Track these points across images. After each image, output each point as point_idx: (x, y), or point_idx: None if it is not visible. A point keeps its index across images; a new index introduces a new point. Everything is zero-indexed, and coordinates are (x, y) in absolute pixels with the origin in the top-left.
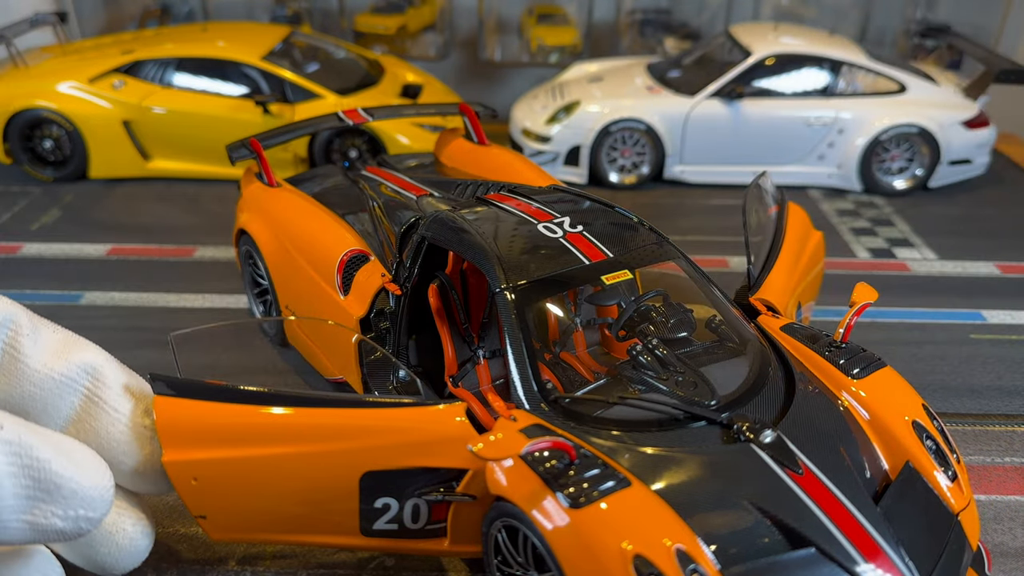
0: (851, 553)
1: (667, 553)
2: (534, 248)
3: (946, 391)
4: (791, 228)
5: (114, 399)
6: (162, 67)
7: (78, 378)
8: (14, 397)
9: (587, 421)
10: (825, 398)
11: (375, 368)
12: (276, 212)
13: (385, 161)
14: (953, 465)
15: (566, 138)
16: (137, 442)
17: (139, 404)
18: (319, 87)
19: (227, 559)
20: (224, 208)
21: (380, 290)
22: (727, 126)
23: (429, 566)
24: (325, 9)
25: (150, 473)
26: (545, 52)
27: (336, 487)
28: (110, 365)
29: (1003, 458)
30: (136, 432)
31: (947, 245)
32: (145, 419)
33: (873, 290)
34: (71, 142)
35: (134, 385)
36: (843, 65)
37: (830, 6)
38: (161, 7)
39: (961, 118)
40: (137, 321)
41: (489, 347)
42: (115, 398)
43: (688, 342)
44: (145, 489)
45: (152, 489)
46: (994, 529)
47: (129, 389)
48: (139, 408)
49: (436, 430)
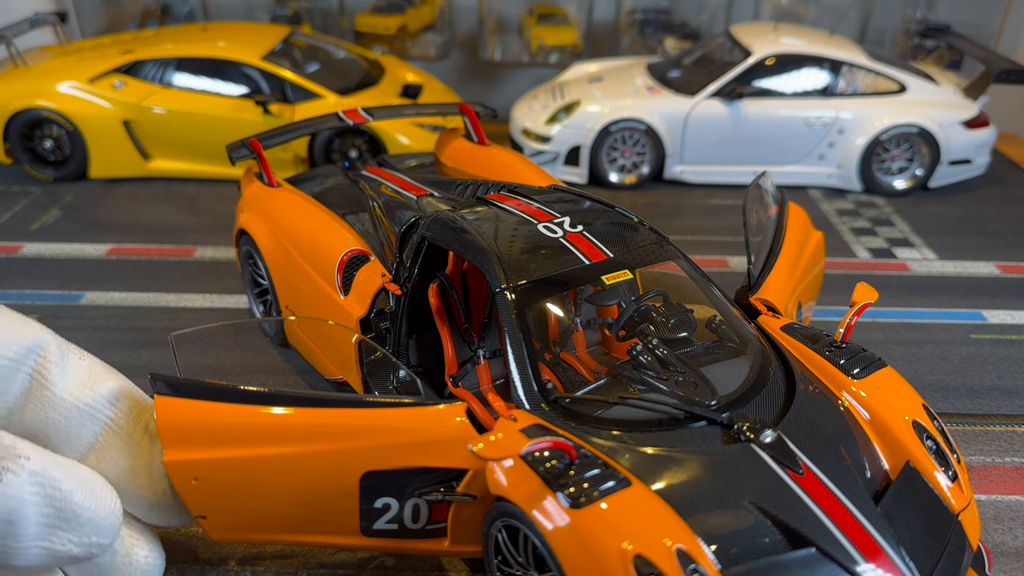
0: (851, 553)
1: (667, 553)
2: (534, 248)
3: (946, 391)
4: (791, 228)
5: (138, 433)
6: (162, 67)
7: (103, 408)
8: (38, 423)
9: (587, 421)
10: (825, 398)
11: (375, 368)
12: (276, 212)
13: (385, 161)
14: (953, 465)
15: (566, 138)
16: (155, 476)
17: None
18: (319, 87)
19: (227, 559)
20: (224, 208)
21: (380, 290)
22: (727, 126)
23: (429, 566)
24: (325, 9)
25: (165, 507)
26: (545, 52)
27: (336, 487)
28: (135, 396)
29: (1003, 458)
30: (155, 467)
31: (947, 245)
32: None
33: (873, 290)
34: (71, 142)
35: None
36: (843, 65)
37: (830, 6)
38: (161, 7)
39: (961, 118)
40: (137, 321)
41: (489, 347)
42: (139, 432)
43: (688, 342)
44: (160, 522)
45: (166, 522)
46: (994, 529)
47: (151, 424)
48: (160, 443)
49: (436, 430)
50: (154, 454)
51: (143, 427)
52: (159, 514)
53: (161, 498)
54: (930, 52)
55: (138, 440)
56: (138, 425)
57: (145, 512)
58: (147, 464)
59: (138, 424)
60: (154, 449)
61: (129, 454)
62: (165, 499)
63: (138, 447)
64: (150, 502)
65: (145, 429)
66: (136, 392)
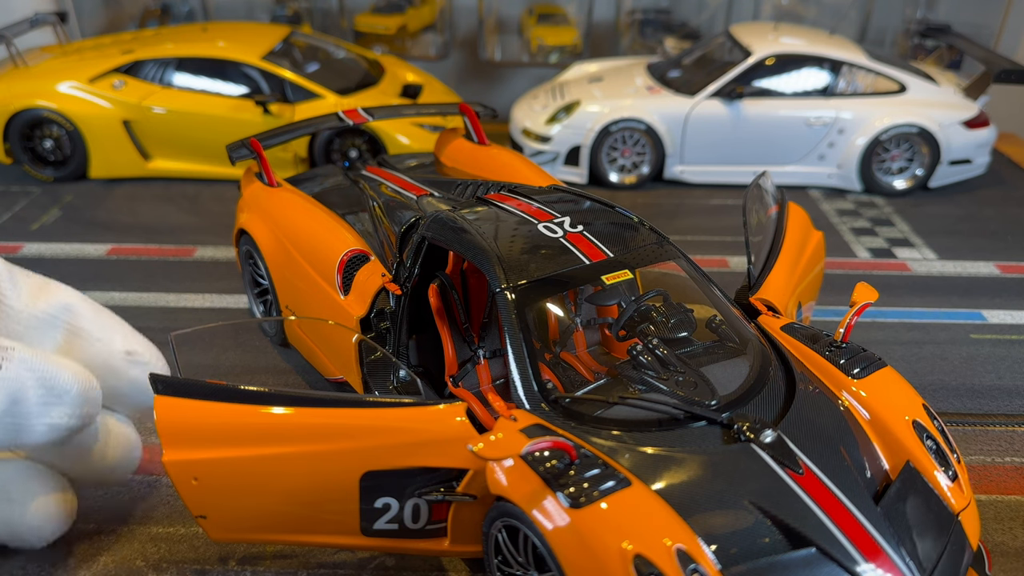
0: (851, 553)
1: (667, 553)
2: (534, 248)
3: (946, 391)
4: (791, 228)
5: (94, 330)
6: (162, 67)
7: (59, 315)
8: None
9: (587, 421)
10: (825, 398)
11: (375, 368)
12: (276, 212)
13: (385, 161)
14: (953, 465)
15: (566, 138)
16: (119, 365)
17: (116, 333)
18: (319, 87)
19: (227, 559)
20: (224, 208)
21: (380, 290)
22: (727, 126)
23: (429, 566)
24: (325, 9)
25: (132, 395)
26: (545, 52)
27: (336, 487)
28: (85, 302)
29: (1003, 458)
30: (116, 358)
31: (947, 245)
32: (124, 346)
33: (873, 290)
34: (71, 142)
35: (108, 318)
36: (843, 65)
37: (830, 6)
38: (161, 7)
39: (961, 118)
40: (137, 321)
41: (489, 347)
42: (95, 329)
43: (688, 342)
44: (127, 407)
45: (133, 405)
46: (994, 529)
47: (105, 322)
48: (117, 336)
49: (436, 430)
50: (115, 345)
51: (98, 324)
52: (126, 402)
53: (129, 386)
54: (930, 52)
55: (98, 336)
56: (94, 323)
57: (115, 399)
58: (110, 355)
59: (93, 322)
60: (115, 340)
61: (93, 351)
62: (132, 387)
63: (99, 343)
64: (116, 388)
65: (100, 324)
66: (86, 298)
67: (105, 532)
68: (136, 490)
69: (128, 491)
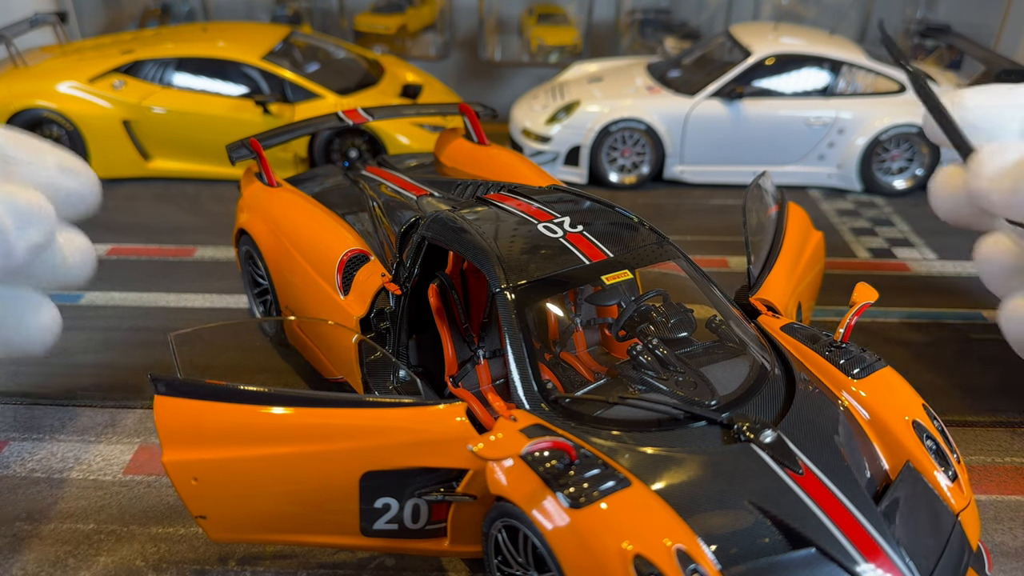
0: (851, 553)
1: (667, 553)
2: (534, 248)
3: (946, 391)
4: (791, 228)
5: (24, 155)
6: (162, 67)
7: None
8: None
9: (587, 421)
10: (825, 398)
11: (375, 368)
12: (276, 212)
13: (385, 161)
14: (953, 465)
15: (566, 138)
16: (56, 179)
17: (44, 153)
18: (319, 87)
19: (227, 559)
20: (224, 208)
21: (380, 290)
22: (727, 126)
23: (429, 566)
24: (325, 9)
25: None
26: (545, 52)
27: (336, 487)
28: (10, 132)
29: (1003, 458)
30: (52, 173)
31: (947, 245)
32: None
33: (873, 290)
34: (71, 142)
35: (31, 140)
36: (843, 65)
37: (830, 6)
38: (161, 7)
39: None
40: (137, 321)
41: (489, 347)
42: (24, 154)
43: (688, 342)
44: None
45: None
46: (994, 529)
47: (30, 144)
48: (47, 156)
49: (436, 430)
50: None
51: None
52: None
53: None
54: (930, 52)
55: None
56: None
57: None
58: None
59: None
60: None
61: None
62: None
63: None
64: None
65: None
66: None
67: (104, 532)
68: (136, 490)
69: (128, 491)
